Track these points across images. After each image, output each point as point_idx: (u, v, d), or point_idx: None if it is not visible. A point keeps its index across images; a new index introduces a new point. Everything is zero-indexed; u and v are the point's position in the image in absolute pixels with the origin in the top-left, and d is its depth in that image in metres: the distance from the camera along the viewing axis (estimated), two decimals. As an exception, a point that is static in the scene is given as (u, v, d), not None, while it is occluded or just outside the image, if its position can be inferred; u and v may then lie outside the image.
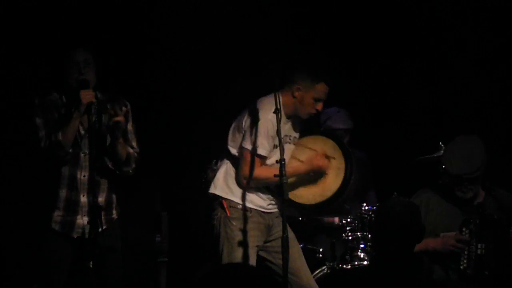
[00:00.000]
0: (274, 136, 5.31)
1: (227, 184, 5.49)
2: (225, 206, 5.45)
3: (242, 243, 5.39)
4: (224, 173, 5.51)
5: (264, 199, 5.51)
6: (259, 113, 5.37)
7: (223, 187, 5.49)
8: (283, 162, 5.04)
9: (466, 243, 5.59)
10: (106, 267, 5.01)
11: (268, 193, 5.51)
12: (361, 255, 6.27)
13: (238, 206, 5.44)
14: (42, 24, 6.38)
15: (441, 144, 5.98)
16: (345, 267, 6.23)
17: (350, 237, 6.32)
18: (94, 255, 4.89)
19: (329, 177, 5.54)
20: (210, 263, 6.00)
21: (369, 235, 6.21)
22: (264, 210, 5.51)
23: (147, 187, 6.67)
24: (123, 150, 5.16)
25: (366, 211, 6.29)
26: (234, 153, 5.49)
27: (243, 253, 5.38)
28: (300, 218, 6.47)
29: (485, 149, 5.70)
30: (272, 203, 5.52)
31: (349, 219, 6.36)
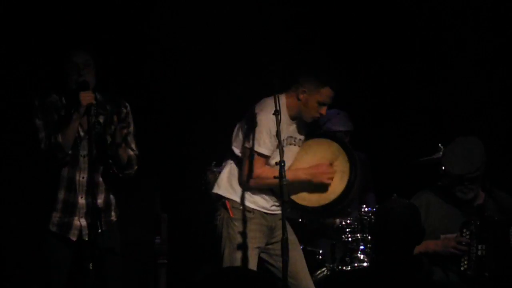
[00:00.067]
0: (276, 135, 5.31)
1: (230, 184, 5.47)
2: (228, 206, 5.43)
3: (243, 244, 5.36)
4: (228, 173, 5.50)
5: (267, 200, 5.49)
6: (261, 113, 5.36)
7: (227, 187, 5.48)
8: (282, 164, 5.03)
9: (467, 246, 5.58)
10: (106, 268, 5.01)
11: (272, 194, 5.48)
12: (361, 256, 6.27)
13: (241, 207, 5.42)
14: (42, 24, 6.38)
15: (440, 145, 5.99)
16: (344, 268, 6.23)
17: (350, 239, 6.32)
18: (94, 256, 4.88)
19: (334, 180, 5.50)
20: (210, 265, 6.00)
21: (369, 237, 6.21)
22: (267, 212, 5.49)
23: (146, 189, 6.67)
24: (124, 154, 5.16)
25: (365, 212, 6.29)
26: (237, 153, 5.48)
27: (244, 254, 5.36)
28: (300, 220, 6.46)
29: (484, 149, 5.70)
30: (276, 204, 5.48)
31: (348, 221, 6.36)
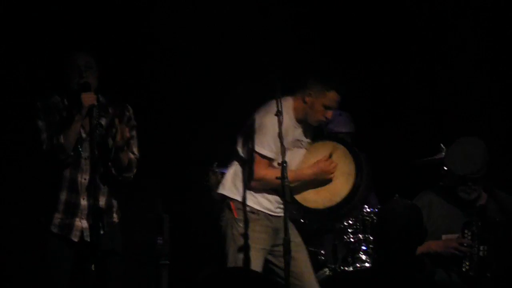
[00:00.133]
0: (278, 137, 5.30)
1: (235, 185, 5.47)
2: (232, 207, 5.43)
3: (248, 245, 5.35)
4: (233, 174, 5.50)
5: (272, 202, 5.47)
6: (266, 115, 5.36)
7: (231, 188, 5.47)
8: (284, 165, 5.03)
9: (469, 247, 5.58)
10: (107, 270, 5.02)
11: (276, 195, 5.46)
12: (363, 257, 6.25)
13: (246, 208, 5.41)
14: (43, 26, 6.37)
15: (442, 145, 5.98)
16: (347, 269, 6.21)
17: (352, 239, 6.29)
18: (96, 257, 4.88)
19: (339, 183, 5.50)
20: (212, 265, 5.99)
21: (371, 237, 6.20)
22: (272, 213, 5.48)
23: (148, 189, 6.66)
24: (125, 157, 5.16)
25: (367, 213, 6.27)
26: (242, 154, 5.48)
27: (248, 255, 5.34)
28: (302, 220, 6.44)
29: (487, 149, 5.71)
30: (281, 206, 5.41)
31: (350, 221, 6.34)
